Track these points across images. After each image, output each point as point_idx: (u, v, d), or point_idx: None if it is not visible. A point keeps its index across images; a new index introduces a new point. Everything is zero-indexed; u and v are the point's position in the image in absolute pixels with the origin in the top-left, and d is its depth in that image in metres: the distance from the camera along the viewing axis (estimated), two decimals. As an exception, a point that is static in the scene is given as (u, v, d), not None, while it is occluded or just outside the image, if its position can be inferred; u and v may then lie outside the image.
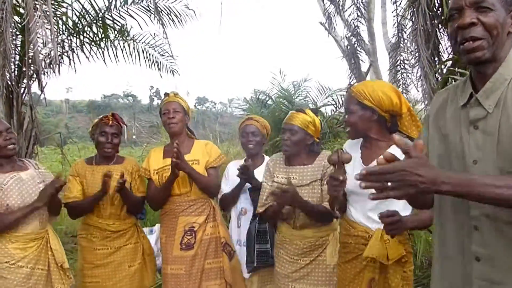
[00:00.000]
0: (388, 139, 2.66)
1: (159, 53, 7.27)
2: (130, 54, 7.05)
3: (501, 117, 1.51)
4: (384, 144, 2.62)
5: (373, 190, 1.41)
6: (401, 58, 7.19)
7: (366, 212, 2.67)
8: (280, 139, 3.35)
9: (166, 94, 3.70)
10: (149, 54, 7.26)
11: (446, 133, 1.67)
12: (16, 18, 5.42)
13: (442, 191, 1.38)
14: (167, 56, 7.35)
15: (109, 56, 6.91)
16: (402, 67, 7.24)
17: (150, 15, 6.54)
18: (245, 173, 3.55)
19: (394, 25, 6.65)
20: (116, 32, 6.78)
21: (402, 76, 7.29)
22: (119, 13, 6.62)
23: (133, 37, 6.97)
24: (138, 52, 7.12)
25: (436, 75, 5.42)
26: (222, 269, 3.53)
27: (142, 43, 7.10)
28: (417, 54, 5.53)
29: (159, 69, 7.40)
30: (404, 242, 2.64)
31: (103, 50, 6.85)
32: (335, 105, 9.08)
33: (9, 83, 5.59)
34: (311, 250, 3.07)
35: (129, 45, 7.00)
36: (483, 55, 1.53)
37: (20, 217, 3.05)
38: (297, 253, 3.09)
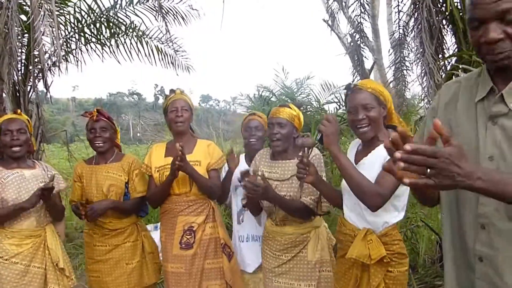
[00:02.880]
0: (384, 136, 2.66)
1: (174, 49, 7.24)
2: (143, 52, 7.05)
3: None
4: (377, 143, 2.63)
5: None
6: (403, 55, 7.17)
7: (358, 210, 2.68)
8: None
9: (172, 91, 3.63)
10: (164, 53, 7.26)
11: (458, 127, 1.63)
12: (22, 16, 5.45)
13: (474, 187, 1.29)
14: (181, 52, 7.36)
15: (119, 53, 6.97)
16: (403, 63, 7.23)
17: (156, 14, 6.56)
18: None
19: (395, 21, 6.62)
20: (124, 30, 6.80)
21: (402, 74, 7.28)
22: (125, 12, 6.67)
23: (143, 33, 6.98)
24: (152, 50, 7.12)
25: (440, 71, 5.40)
26: (222, 270, 3.52)
27: (154, 39, 7.11)
28: (420, 50, 5.51)
29: (174, 67, 7.40)
30: (392, 243, 2.63)
31: (109, 47, 6.89)
32: (338, 103, 9.07)
33: (16, 81, 5.63)
34: (292, 246, 3.10)
35: (142, 44, 7.02)
36: (510, 62, 1.49)
37: (9, 214, 3.07)
38: (279, 249, 3.13)
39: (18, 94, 5.82)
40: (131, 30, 6.84)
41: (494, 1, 1.45)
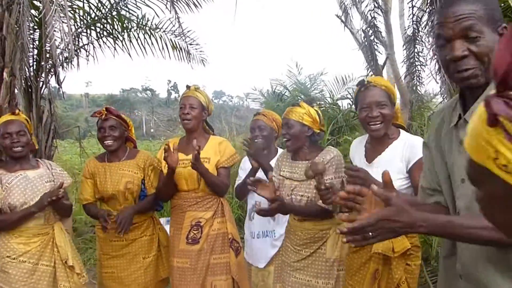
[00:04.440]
0: (394, 133, 2.73)
1: (187, 43, 7.18)
2: (156, 46, 7.01)
3: None
4: (388, 141, 2.69)
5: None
6: (416, 50, 7.12)
7: None
8: None
9: (188, 87, 3.64)
10: (179, 47, 7.22)
11: (444, 153, 1.70)
12: (33, 12, 5.45)
13: (419, 232, 1.49)
14: (195, 45, 7.33)
15: (132, 48, 6.95)
16: (417, 59, 7.17)
17: (167, 3, 6.51)
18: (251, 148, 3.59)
19: (409, 16, 6.57)
20: (136, 23, 6.78)
21: (417, 69, 7.22)
22: (135, 3, 6.64)
23: (156, 26, 6.94)
24: (166, 44, 7.07)
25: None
26: (228, 265, 3.52)
27: (167, 32, 7.05)
28: (434, 46, 5.44)
29: (188, 60, 7.35)
30: (411, 236, 2.64)
31: (122, 41, 6.87)
32: (351, 99, 9.00)
33: (28, 77, 5.63)
34: (311, 242, 3.07)
35: (155, 38, 6.99)
36: (478, 82, 1.53)
37: (18, 220, 3.06)
38: (299, 243, 3.11)
39: (30, 90, 5.81)
40: (143, 24, 6.81)
41: (456, 20, 1.51)
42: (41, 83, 5.99)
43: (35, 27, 5.79)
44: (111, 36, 6.80)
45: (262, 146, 3.70)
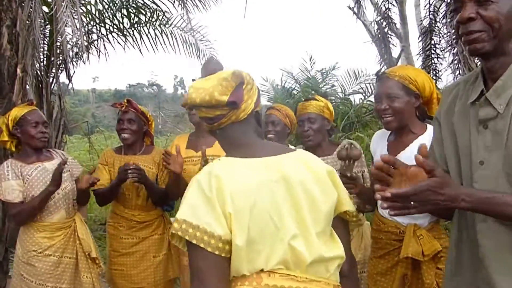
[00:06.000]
0: (419, 129, 2.58)
1: (197, 38, 7.18)
2: (166, 41, 6.98)
3: (511, 117, 1.48)
4: (412, 136, 2.54)
5: None
6: (433, 42, 7.01)
7: None
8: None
9: (194, 81, 3.57)
10: (189, 43, 7.18)
11: (455, 130, 1.64)
12: (45, 8, 5.43)
13: (459, 207, 1.43)
14: (205, 41, 7.31)
15: (142, 44, 6.90)
16: (433, 51, 7.05)
17: (174, 2, 6.47)
18: None
19: (425, 6, 6.45)
20: (145, 20, 6.74)
21: (433, 62, 7.11)
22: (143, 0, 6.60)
23: (167, 22, 6.91)
24: (177, 39, 7.05)
25: (474, 58, 5.24)
26: None
27: (178, 28, 7.02)
28: (453, 37, 5.36)
29: (198, 56, 7.31)
30: (440, 237, 2.54)
31: (132, 37, 6.84)
32: (363, 94, 8.89)
33: (38, 72, 5.62)
34: None
35: (166, 33, 6.95)
36: (483, 47, 1.49)
37: (40, 203, 3.05)
38: None
39: (41, 86, 5.80)
40: (153, 20, 6.75)
41: None
42: (51, 78, 5.98)
43: (46, 23, 5.75)
44: (122, 33, 6.76)
45: (275, 141, 3.59)
